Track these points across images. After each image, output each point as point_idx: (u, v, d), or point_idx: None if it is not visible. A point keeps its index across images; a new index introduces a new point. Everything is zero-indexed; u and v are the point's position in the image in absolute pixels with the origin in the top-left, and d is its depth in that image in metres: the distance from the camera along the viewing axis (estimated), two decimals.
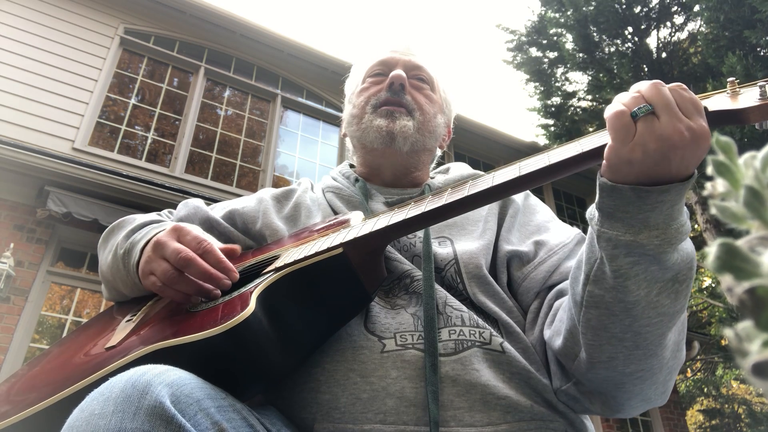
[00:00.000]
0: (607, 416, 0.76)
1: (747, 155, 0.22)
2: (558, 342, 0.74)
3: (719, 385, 10.57)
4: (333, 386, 0.71)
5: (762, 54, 5.95)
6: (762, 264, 0.19)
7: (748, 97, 0.57)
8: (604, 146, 0.59)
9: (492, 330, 0.77)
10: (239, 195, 4.35)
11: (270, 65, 6.23)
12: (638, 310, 0.63)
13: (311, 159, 6.21)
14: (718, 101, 0.59)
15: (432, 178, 1.07)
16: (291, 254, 0.76)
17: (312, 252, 0.72)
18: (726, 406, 10.50)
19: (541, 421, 0.71)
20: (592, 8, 7.11)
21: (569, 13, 7.33)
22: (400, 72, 1.02)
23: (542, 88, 8.32)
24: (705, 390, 10.85)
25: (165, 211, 1.05)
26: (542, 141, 8.16)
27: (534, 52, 8.38)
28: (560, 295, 0.81)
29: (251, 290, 0.67)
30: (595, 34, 7.41)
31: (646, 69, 7.29)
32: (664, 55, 7.42)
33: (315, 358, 0.74)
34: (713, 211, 0.22)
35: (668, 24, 7.44)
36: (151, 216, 0.98)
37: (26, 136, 4.39)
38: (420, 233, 0.89)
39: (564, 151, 0.63)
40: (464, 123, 6.93)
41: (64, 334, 3.73)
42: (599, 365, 0.68)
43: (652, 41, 7.53)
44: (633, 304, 0.62)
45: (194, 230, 0.78)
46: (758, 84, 0.56)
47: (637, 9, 7.23)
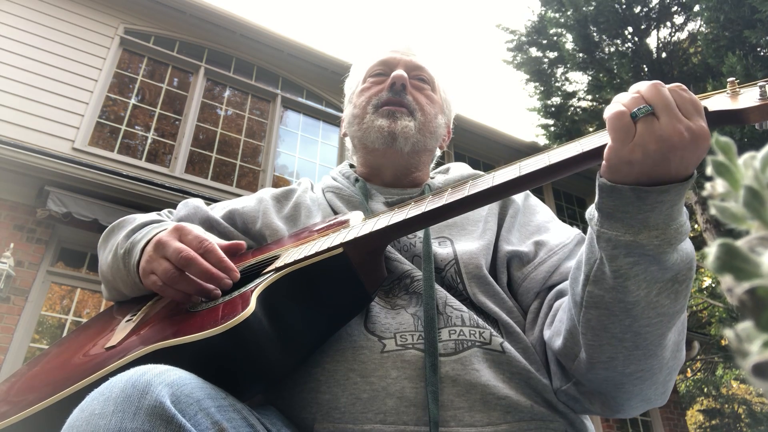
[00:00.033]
0: (607, 416, 0.76)
1: (746, 155, 0.22)
2: (558, 342, 0.74)
3: (719, 385, 10.57)
4: (333, 386, 0.71)
5: (762, 54, 5.95)
6: (762, 264, 0.19)
7: (748, 97, 0.57)
8: (605, 146, 0.59)
9: (492, 330, 0.77)
10: (239, 195, 4.35)
11: (270, 65, 6.23)
12: (638, 311, 0.63)
13: (311, 159, 6.21)
14: (718, 101, 0.59)
15: (432, 178, 1.06)
16: (291, 254, 0.76)
17: (312, 252, 0.72)
18: (726, 406, 10.50)
19: (541, 421, 0.71)
20: (592, 8, 7.11)
21: (569, 13, 7.32)
22: (402, 72, 1.01)
23: (542, 88, 8.32)
24: (705, 390, 10.85)
25: (165, 211, 1.05)
26: (542, 141, 8.16)
27: (534, 52, 8.38)
28: (560, 296, 0.81)
29: (252, 290, 0.67)
30: (595, 34, 7.41)
31: (646, 69, 7.29)
32: (664, 55, 7.42)
33: (315, 358, 0.74)
34: (713, 212, 0.22)
35: (668, 24, 7.44)
36: (151, 216, 0.98)
37: (26, 136, 4.39)
38: (420, 233, 0.89)
39: (564, 151, 0.63)
40: (464, 123, 6.93)
41: (64, 334, 3.73)
42: (599, 365, 0.68)
43: (652, 41, 7.53)
44: (633, 305, 0.62)
45: (195, 230, 0.78)
46: (758, 84, 0.56)
47: (637, 9, 7.23)
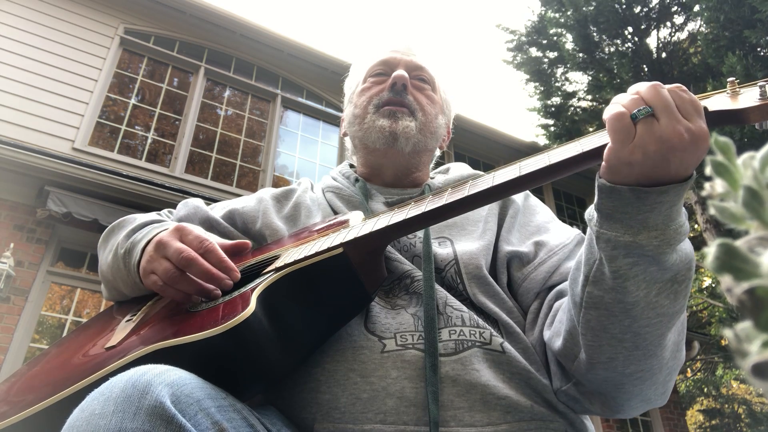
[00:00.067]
0: (607, 416, 0.76)
1: (745, 155, 0.22)
2: (558, 343, 0.74)
3: (719, 385, 10.56)
4: (333, 386, 0.71)
5: (762, 54, 5.95)
6: (761, 264, 0.19)
7: (748, 97, 0.57)
8: (605, 146, 0.59)
9: (492, 330, 0.77)
10: (239, 195, 4.35)
11: (270, 65, 6.23)
12: (637, 311, 0.63)
13: (311, 159, 6.21)
14: (718, 101, 0.59)
15: (432, 179, 1.06)
16: (291, 254, 0.76)
17: (312, 252, 0.72)
18: (726, 406, 10.50)
19: (541, 421, 0.71)
20: (592, 8, 7.11)
21: (569, 13, 7.32)
22: (403, 72, 1.01)
23: (542, 88, 8.32)
24: (705, 390, 10.85)
25: (165, 211, 1.05)
26: (542, 141, 8.16)
27: (534, 52, 8.38)
28: (560, 296, 0.81)
29: (252, 290, 0.67)
30: (595, 34, 7.41)
31: (646, 69, 7.29)
32: (664, 55, 7.42)
33: (315, 358, 0.74)
34: (712, 212, 0.22)
35: (668, 24, 7.44)
36: (151, 216, 0.98)
37: (26, 136, 4.39)
38: (420, 233, 0.89)
39: (564, 151, 0.63)
40: (464, 123, 6.93)
41: (64, 334, 3.73)
42: (599, 366, 0.68)
43: (652, 41, 7.53)
44: (632, 305, 0.62)
45: (196, 230, 0.78)
46: (758, 84, 0.56)
47: (637, 9, 7.23)
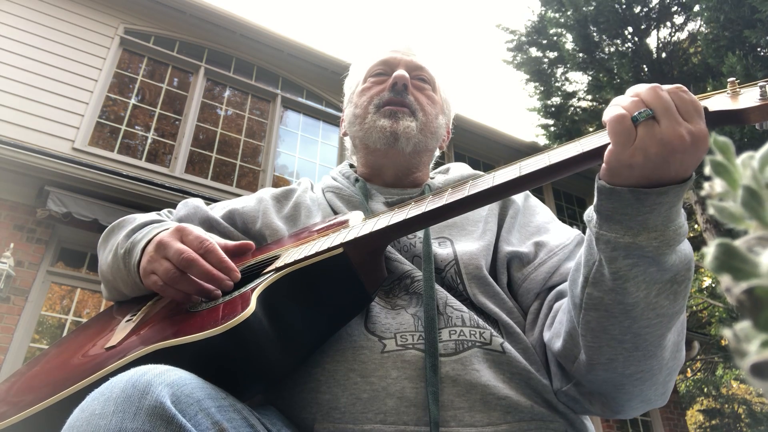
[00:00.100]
0: (608, 417, 0.76)
1: (745, 155, 0.22)
2: (558, 344, 0.74)
3: (719, 385, 10.56)
4: (333, 386, 0.71)
5: (762, 54, 5.95)
6: (760, 264, 0.19)
7: (749, 98, 0.57)
8: (605, 146, 0.59)
9: (492, 330, 0.77)
10: (239, 195, 4.34)
11: (270, 65, 6.23)
12: (637, 312, 0.63)
13: (311, 159, 6.21)
14: (719, 101, 0.59)
15: (432, 179, 1.06)
16: (291, 254, 0.76)
17: (312, 252, 0.72)
18: (726, 406, 10.50)
19: (542, 422, 0.71)
20: (592, 8, 7.11)
21: (569, 13, 7.32)
22: (403, 72, 1.01)
23: (542, 88, 8.32)
24: (705, 390, 10.85)
25: (165, 211, 1.05)
26: (542, 141, 8.16)
27: (534, 52, 8.38)
28: (560, 297, 0.81)
29: (252, 290, 0.67)
30: (595, 34, 7.41)
31: (646, 69, 7.29)
32: (664, 55, 7.42)
33: (315, 358, 0.74)
34: (711, 211, 0.22)
35: (668, 24, 7.44)
36: (151, 216, 0.98)
37: (26, 136, 4.39)
38: (420, 234, 0.89)
39: (564, 151, 0.63)
40: (464, 123, 6.93)
41: (64, 334, 3.73)
42: (599, 367, 0.68)
43: (652, 41, 7.53)
44: (632, 306, 0.62)
45: (196, 230, 0.78)
46: (758, 84, 0.56)
47: (637, 9, 7.23)
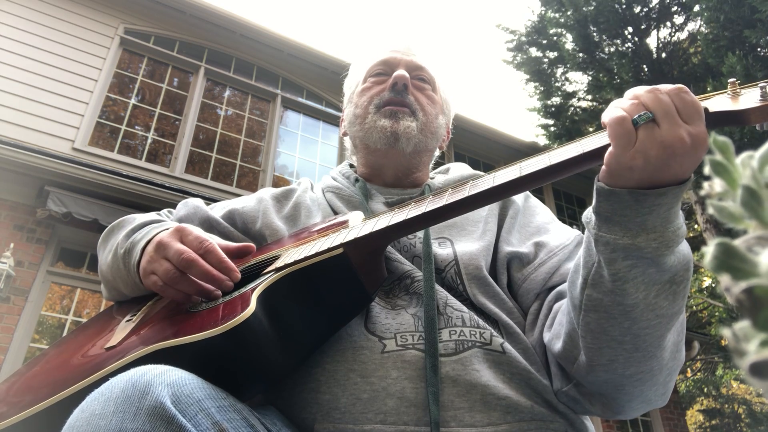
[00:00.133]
0: (608, 418, 0.76)
1: (744, 155, 0.22)
2: (558, 345, 0.74)
3: (719, 385, 10.56)
4: (333, 386, 0.71)
5: (762, 54, 5.95)
6: (759, 263, 0.19)
7: (749, 98, 0.57)
8: (605, 147, 0.59)
9: (492, 330, 0.77)
10: (239, 195, 4.34)
11: (270, 65, 6.23)
12: (637, 313, 0.63)
13: (311, 159, 6.21)
14: (719, 102, 0.59)
15: (432, 179, 1.06)
16: (291, 254, 0.76)
17: (312, 252, 0.72)
18: (726, 406, 10.50)
19: (542, 422, 0.71)
20: (592, 8, 7.11)
21: (569, 13, 7.32)
22: (404, 72, 1.01)
23: (542, 88, 8.32)
24: (705, 390, 10.85)
25: (165, 211, 1.05)
26: (542, 141, 8.16)
27: (534, 52, 8.38)
28: (560, 297, 0.81)
29: (252, 290, 0.67)
30: (595, 34, 7.41)
31: (646, 69, 7.29)
32: (664, 55, 7.42)
33: (315, 359, 0.74)
34: (711, 211, 0.22)
35: (668, 24, 7.44)
36: (151, 216, 0.98)
37: (26, 136, 4.39)
38: (420, 234, 0.89)
39: (565, 152, 0.63)
40: (464, 123, 6.93)
41: (64, 334, 3.73)
42: (599, 368, 0.68)
43: (652, 41, 7.53)
44: (631, 307, 0.62)
45: (196, 231, 0.78)
46: (759, 85, 0.56)
47: (637, 9, 7.23)
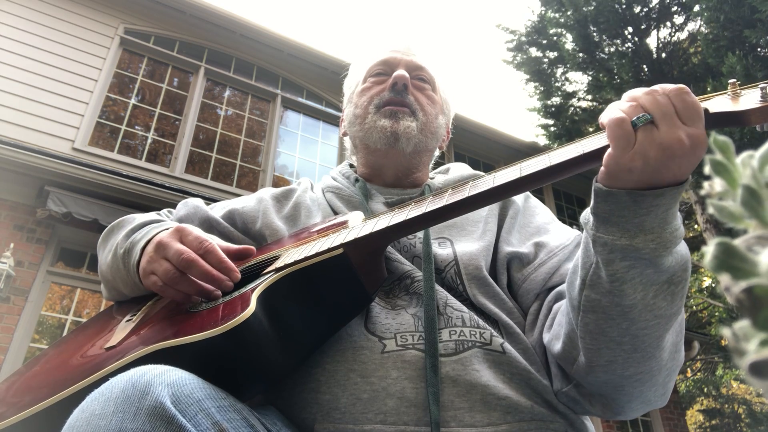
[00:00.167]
0: (608, 418, 0.76)
1: (744, 154, 0.22)
2: (557, 346, 0.74)
3: (719, 385, 10.56)
4: (333, 386, 0.71)
5: (762, 54, 5.95)
6: (759, 263, 0.19)
7: (749, 99, 0.56)
8: (605, 148, 0.59)
9: (492, 331, 0.77)
10: (239, 195, 4.34)
11: (270, 65, 6.23)
12: (635, 313, 0.63)
13: (311, 159, 6.21)
14: (719, 103, 0.59)
15: (432, 179, 1.06)
16: (291, 254, 0.76)
17: (312, 252, 0.72)
18: (726, 406, 10.50)
19: (542, 422, 0.71)
20: (592, 8, 7.11)
21: (569, 13, 7.33)
22: (404, 72, 1.01)
23: (542, 88, 8.32)
24: (705, 390, 10.85)
25: (164, 211, 1.05)
26: (542, 141, 8.16)
27: (534, 52, 8.38)
28: (560, 298, 0.81)
29: (251, 290, 0.67)
30: (595, 34, 7.41)
31: (646, 69, 7.29)
32: (664, 55, 7.42)
33: (315, 359, 0.74)
34: (711, 211, 0.22)
35: (668, 24, 7.44)
36: (151, 215, 0.98)
37: (26, 136, 4.39)
38: (420, 234, 0.89)
39: (565, 152, 0.63)
40: (464, 123, 6.93)
41: (64, 334, 3.73)
42: (598, 369, 0.68)
43: (652, 41, 7.54)
44: (630, 308, 0.63)
45: (196, 231, 0.78)
46: (759, 86, 0.56)
47: (637, 9, 7.23)
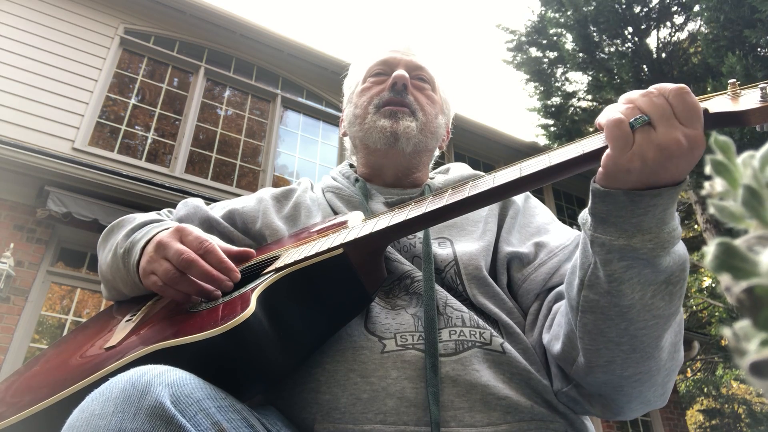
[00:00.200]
0: (608, 419, 0.76)
1: (745, 155, 0.22)
2: (557, 347, 0.74)
3: (719, 385, 10.56)
4: (333, 386, 0.71)
5: (762, 54, 5.95)
6: (760, 263, 0.19)
7: (749, 99, 0.56)
8: (605, 148, 0.59)
9: (492, 330, 0.77)
10: (239, 195, 4.34)
11: (270, 65, 6.23)
12: (633, 314, 0.63)
13: (311, 159, 6.21)
14: (719, 103, 0.59)
15: (432, 179, 1.06)
16: (291, 254, 0.76)
17: (312, 252, 0.72)
18: (726, 406, 10.50)
19: (542, 422, 0.71)
20: (592, 8, 7.11)
21: (569, 13, 7.33)
22: (403, 72, 1.01)
23: (542, 88, 8.32)
24: (705, 390, 10.85)
25: (164, 211, 1.05)
26: (542, 141, 8.16)
27: (534, 52, 8.38)
28: (559, 298, 0.81)
29: (251, 290, 0.67)
30: (595, 34, 7.41)
31: (646, 69, 7.29)
32: (664, 55, 7.42)
33: (315, 359, 0.74)
34: (712, 211, 0.22)
35: (668, 24, 7.44)
36: (151, 215, 0.98)
37: (26, 136, 4.39)
38: (420, 234, 0.89)
39: (565, 153, 0.63)
40: (464, 123, 6.93)
41: (64, 334, 3.73)
42: (597, 369, 0.68)
43: (652, 41, 7.54)
44: (628, 308, 0.63)
45: (196, 231, 0.78)
46: (759, 86, 0.56)
47: (637, 9, 7.23)
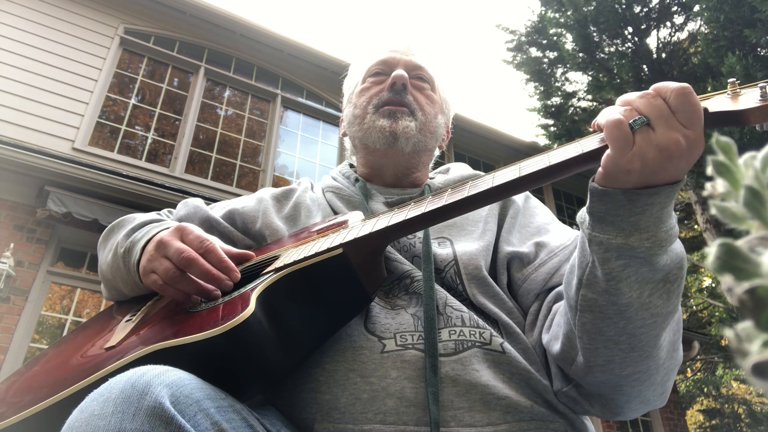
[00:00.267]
0: (608, 418, 0.76)
1: (747, 155, 0.22)
2: (556, 347, 0.74)
3: (719, 385, 10.56)
4: (333, 386, 0.71)
5: (762, 54, 5.95)
6: (762, 264, 0.19)
7: (749, 99, 0.57)
8: (605, 148, 0.59)
9: (492, 330, 0.77)
10: (239, 195, 4.34)
11: (270, 65, 6.23)
12: (631, 312, 0.63)
13: (311, 159, 6.21)
14: (719, 102, 0.59)
15: (432, 179, 1.06)
16: (291, 254, 0.76)
17: (312, 252, 0.72)
18: (726, 406, 10.50)
19: (541, 422, 0.71)
20: (592, 8, 7.11)
21: (569, 13, 7.33)
22: (402, 72, 1.01)
23: (542, 88, 8.32)
24: (705, 390, 10.85)
25: (165, 211, 1.05)
26: (542, 141, 8.17)
27: (534, 52, 8.38)
28: (559, 298, 0.81)
29: (251, 290, 0.67)
30: (595, 34, 7.41)
31: (646, 69, 7.29)
32: (664, 55, 7.42)
33: (315, 359, 0.74)
34: (713, 212, 0.22)
35: (668, 24, 7.44)
36: (151, 215, 0.98)
37: (26, 136, 4.39)
38: (420, 234, 0.89)
39: (564, 152, 0.63)
40: (464, 123, 6.93)
41: (64, 334, 3.73)
42: (596, 368, 0.68)
43: (652, 41, 7.54)
44: (626, 306, 0.63)
45: (196, 230, 0.78)
46: (759, 85, 0.56)
47: (637, 9, 7.24)
